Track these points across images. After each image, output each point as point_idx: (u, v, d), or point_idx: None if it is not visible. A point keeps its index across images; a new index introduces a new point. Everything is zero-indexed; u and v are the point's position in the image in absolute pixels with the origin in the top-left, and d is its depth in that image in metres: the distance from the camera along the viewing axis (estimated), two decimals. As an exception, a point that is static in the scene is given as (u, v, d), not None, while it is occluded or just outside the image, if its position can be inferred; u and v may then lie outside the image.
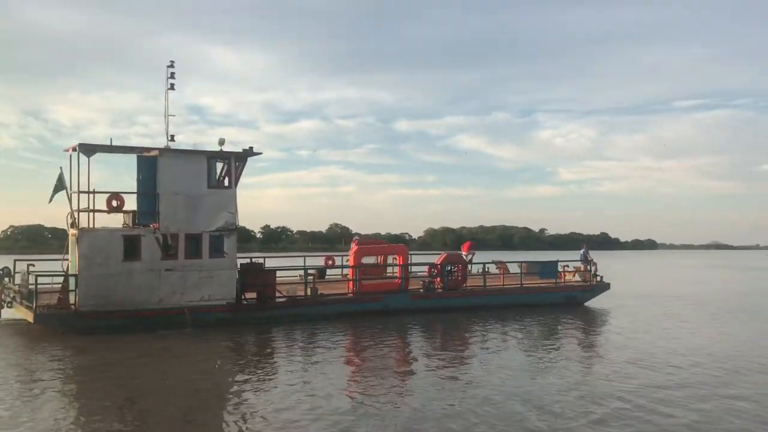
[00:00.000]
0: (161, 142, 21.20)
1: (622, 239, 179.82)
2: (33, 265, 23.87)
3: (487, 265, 29.32)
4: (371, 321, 22.53)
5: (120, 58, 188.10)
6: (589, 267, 30.37)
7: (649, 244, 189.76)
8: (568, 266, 30.31)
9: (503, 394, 12.26)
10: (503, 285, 27.77)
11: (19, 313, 20.66)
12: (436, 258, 26.98)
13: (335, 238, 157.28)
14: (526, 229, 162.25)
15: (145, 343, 17.96)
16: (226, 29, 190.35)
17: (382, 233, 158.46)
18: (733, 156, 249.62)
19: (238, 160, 21.65)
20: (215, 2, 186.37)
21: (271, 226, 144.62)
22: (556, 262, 30.01)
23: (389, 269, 27.76)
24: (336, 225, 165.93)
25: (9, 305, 21.04)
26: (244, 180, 22.47)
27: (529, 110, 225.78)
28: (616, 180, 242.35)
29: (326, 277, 27.77)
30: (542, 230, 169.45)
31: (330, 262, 30.87)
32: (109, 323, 19.19)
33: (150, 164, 20.51)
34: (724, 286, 45.11)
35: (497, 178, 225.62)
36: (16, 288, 21.29)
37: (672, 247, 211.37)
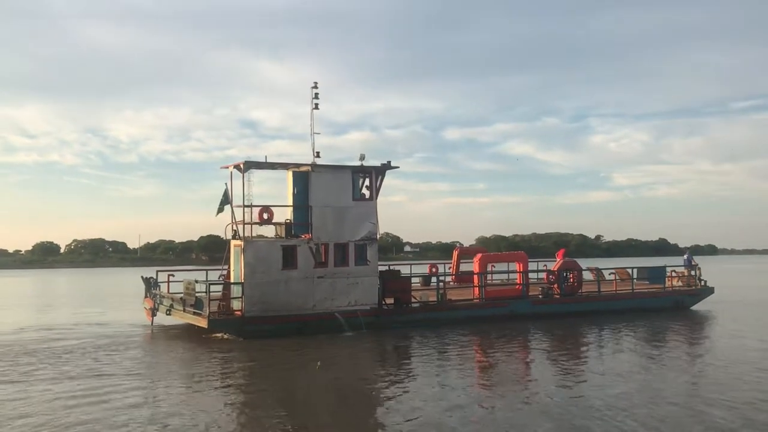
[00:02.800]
0: (216, 156, 22.76)
1: (681, 245, 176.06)
2: (173, 275, 25.90)
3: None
4: (496, 326, 23.48)
5: (172, 75, 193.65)
6: (694, 272, 30.92)
7: (710, 249, 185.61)
8: (674, 271, 30.86)
9: (658, 399, 12.45)
10: (615, 290, 28.48)
11: (182, 319, 22.29)
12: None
13: (387, 247, 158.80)
14: (581, 235, 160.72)
15: (304, 346, 19.25)
16: (275, 43, 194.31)
17: (433, 242, 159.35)
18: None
19: (378, 174, 23.03)
20: (263, 17, 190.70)
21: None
22: (664, 267, 30.63)
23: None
24: (387, 234, 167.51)
25: (168, 312, 22.66)
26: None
27: (581, 115, 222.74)
28: (672, 184, 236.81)
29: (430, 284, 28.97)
30: (598, 237, 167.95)
31: (434, 270, 32.20)
32: (271, 328, 20.65)
33: (303, 179, 22.02)
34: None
35: (549, 184, 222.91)
36: (178, 296, 22.90)
37: (733, 252, 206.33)
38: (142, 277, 25.45)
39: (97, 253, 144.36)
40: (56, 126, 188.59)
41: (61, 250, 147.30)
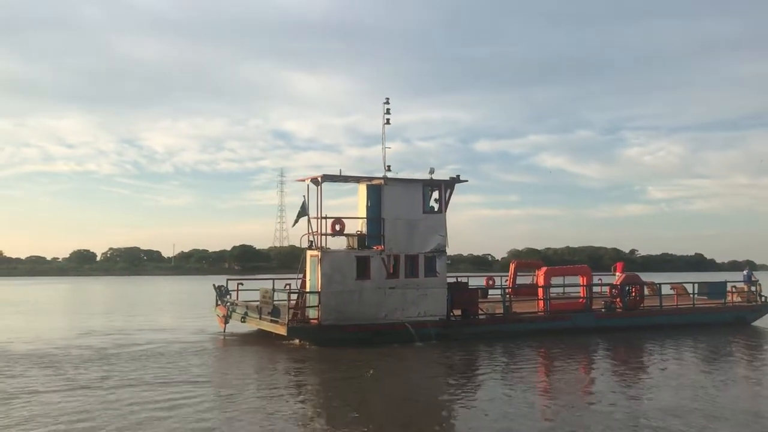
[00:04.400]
0: (249, 167, 23.28)
1: (718, 260, 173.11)
2: (242, 284, 26.71)
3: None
4: (560, 339, 23.54)
5: (206, 85, 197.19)
6: (754, 287, 30.74)
7: (749, 266, 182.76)
8: (735, 287, 30.75)
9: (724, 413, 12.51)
10: (677, 305, 28.49)
11: (259, 326, 22.91)
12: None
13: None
14: (615, 249, 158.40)
15: (377, 355, 19.60)
16: (307, 55, 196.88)
17: (465, 254, 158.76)
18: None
19: (447, 187, 23.51)
20: (296, 28, 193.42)
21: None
22: (725, 282, 30.54)
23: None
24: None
25: (242, 320, 23.27)
26: (330, 202, 24.49)
27: (615, 127, 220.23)
28: (708, 198, 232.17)
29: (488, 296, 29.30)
30: (633, 251, 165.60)
31: (491, 282, 32.62)
32: (345, 336, 21.13)
33: (376, 192, 22.59)
34: None
35: (582, 197, 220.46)
36: (253, 304, 23.54)
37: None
38: (213, 285, 26.15)
39: (133, 262, 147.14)
40: (94, 136, 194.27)
41: (97, 258, 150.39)
